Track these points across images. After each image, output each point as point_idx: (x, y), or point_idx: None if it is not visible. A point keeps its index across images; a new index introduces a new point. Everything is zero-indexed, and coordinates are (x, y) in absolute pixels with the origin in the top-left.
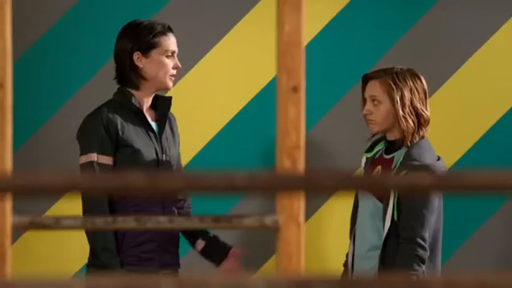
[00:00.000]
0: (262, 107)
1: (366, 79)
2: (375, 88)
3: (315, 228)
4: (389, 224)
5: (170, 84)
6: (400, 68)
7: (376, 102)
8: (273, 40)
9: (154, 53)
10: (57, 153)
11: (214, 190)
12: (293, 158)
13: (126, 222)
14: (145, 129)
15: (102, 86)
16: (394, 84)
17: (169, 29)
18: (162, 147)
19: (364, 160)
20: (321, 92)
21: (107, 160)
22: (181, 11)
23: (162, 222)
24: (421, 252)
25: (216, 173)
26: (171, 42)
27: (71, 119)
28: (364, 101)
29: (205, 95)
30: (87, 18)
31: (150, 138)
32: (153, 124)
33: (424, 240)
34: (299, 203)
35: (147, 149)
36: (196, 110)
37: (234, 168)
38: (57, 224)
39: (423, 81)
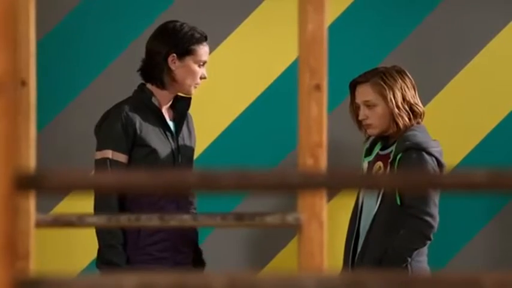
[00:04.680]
0: (268, 105)
1: (353, 85)
2: (367, 92)
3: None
4: (378, 204)
5: (193, 91)
6: (385, 67)
7: (370, 106)
8: (278, 38)
9: (188, 60)
10: (64, 150)
11: (266, 188)
12: (316, 156)
13: (150, 220)
14: (163, 128)
15: (110, 83)
16: (385, 83)
17: (206, 38)
18: (178, 147)
19: (365, 165)
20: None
21: (121, 158)
22: (187, 10)
23: (186, 220)
24: (428, 230)
25: (268, 171)
26: (205, 52)
27: (78, 117)
28: (355, 107)
29: (210, 92)
30: (93, 17)
31: (167, 138)
32: (171, 124)
33: (431, 216)
34: (321, 201)
35: (164, 148)
36: (202, 107)
37: (241, 165)
38: (80, 222)
39: (410, 76)
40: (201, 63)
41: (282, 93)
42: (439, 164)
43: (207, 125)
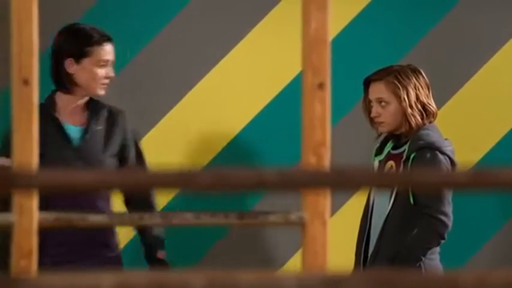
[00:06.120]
0: (285, 105)
1: (367, 82)
2: (380, 90)
3: (339, 225)
4: (392, 203)
5: (101, 92)
6: (400, 66)
7: (383, 103)
8: (295, 38)
9: (86, 62)
10: None
11: (242, 187)
12: (319, 154)
13: (153, 219)
14: (60, 134)
15: (126, 85)
16: (399, 82)
17: (107, 38)
18: (80, 151)
19: (376, 164)
20: (343, 91)
21: (4, 161)
22: (202, 10)
23: (188, 218)
24: (443, 229)
25: (244, 170)
26: (105, 52)
27: None
28: (368, 103)
29: (228, 93)
30: (109, 18)
31: (66, 144)
32: (76, 129)
33: (445, 215)
34: (325, 200)
35: (56, 154)
36: (219, 107)
37: (259, 166)
38: (83, 220)
39: (424, 75)
40: (102, 64)
41: (299, 93)
42: (452, 162)
43: (224, 125)
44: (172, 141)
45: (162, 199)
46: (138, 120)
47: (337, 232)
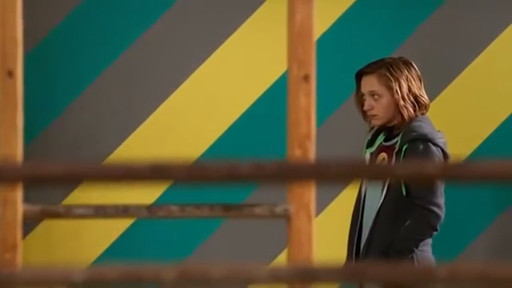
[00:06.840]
0: (274, 100)
1: (359, 75)
2: (372, 83)
3: (330, 218)
4: (384, 195)
5: None
6: (392, 58)
7: (376, 96)
8: (283, 35)
9: None
10: (70, 145)
11: (222, 180)
12: (304, 147)
13: (138, 212)
14: None
15: (116, 78)
16: (391, 75)
17: None
18: None
19: (368, 156)
20: (332, 88)
21: None
22: (190, 8)
23: (173, 211)
24: (435, 220)
25: (223, 163)
26: None
27: (86, 111)
28: (361, 97)
29: (216, 89)
30: (99, 13)
31: None
32: None
33: (438, 207)
34: (310, 192)
35: None
36: (208, 103)
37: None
38: (68, 213)
39: (416, 67)
40: None
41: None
42: (445, 154)
43: (213, 121)
44: (162, 137)
45: (151, 195)
46: (126, 115)
47: (327, 228)
